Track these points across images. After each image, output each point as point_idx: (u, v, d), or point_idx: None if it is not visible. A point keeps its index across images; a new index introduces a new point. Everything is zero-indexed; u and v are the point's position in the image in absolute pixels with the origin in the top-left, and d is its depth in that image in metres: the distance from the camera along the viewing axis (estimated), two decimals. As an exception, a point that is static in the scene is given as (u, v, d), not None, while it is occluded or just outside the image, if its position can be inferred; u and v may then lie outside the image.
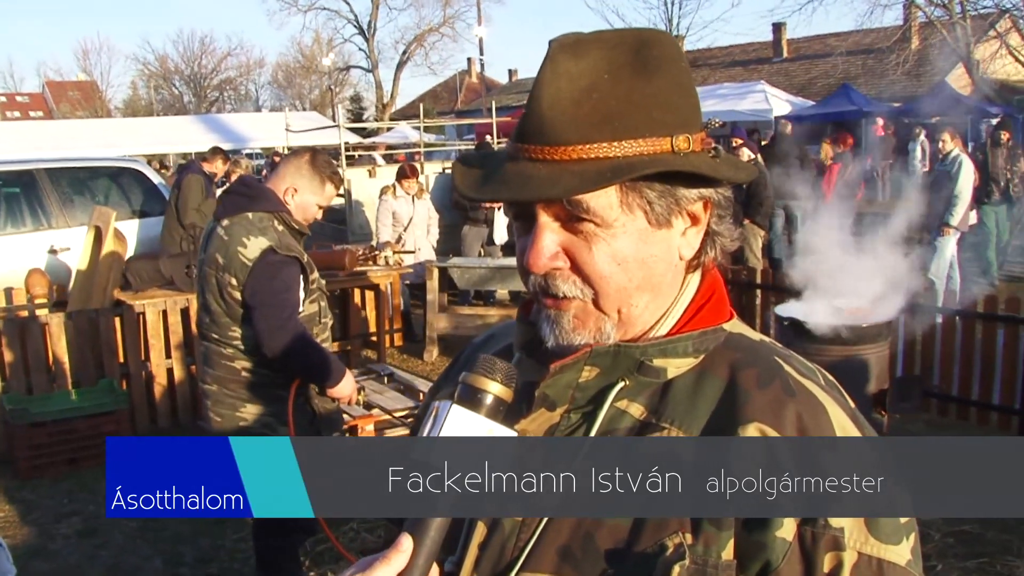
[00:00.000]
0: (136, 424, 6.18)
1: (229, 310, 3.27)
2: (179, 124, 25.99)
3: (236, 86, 59.21)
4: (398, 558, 0.89)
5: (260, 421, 3.35)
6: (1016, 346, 5.57)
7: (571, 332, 0.97)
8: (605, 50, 0.93)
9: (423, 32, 46.11)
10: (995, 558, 4.08)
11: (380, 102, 45.12)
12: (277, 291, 3.22)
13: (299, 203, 3.35)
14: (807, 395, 0.96)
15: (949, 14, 20.52)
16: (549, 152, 0.91)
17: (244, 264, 3.19)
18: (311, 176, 3.36)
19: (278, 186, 3.34)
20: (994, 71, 22.64)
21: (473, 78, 48.68)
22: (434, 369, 7.88)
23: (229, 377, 3.36)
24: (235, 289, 3.22)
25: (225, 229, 3.24)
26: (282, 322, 3.21)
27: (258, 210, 3.26)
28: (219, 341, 3.35)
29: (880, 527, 0.91)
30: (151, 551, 4.51)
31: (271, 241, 3.21)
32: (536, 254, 0.94)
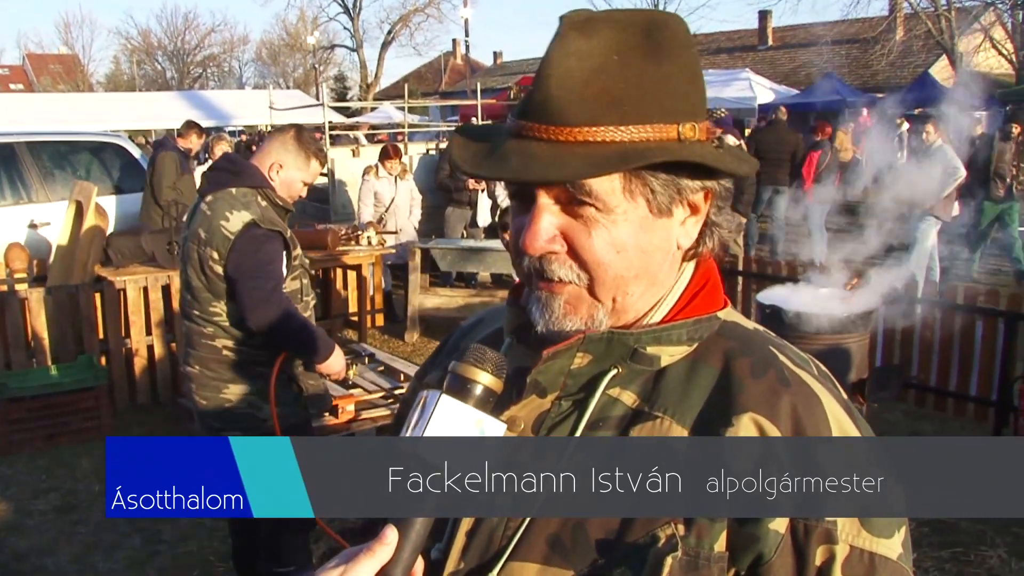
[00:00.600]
0: (115, 401, 6.15)
1: (210, 285, 3.21)
2: (162, 100, 25.72)
3: (220, 63, 58.68)
4: (383, 550, 0.87)
5: (244, 400, 3.29)
6: (994, 338, 5.62)
7: (562, 317, 0.96)
8: (616, 30, 0.90)
9: (408, 12, 45.90)
10: (969, 548, 4.14)
11: (364, 82, 44.90)
12: (261, 263, 3.18)
13: (284, 179, 3.32)
14: (801, 385, 0.95)
15: (934, 5, 20.59)
16: (555, 132, 0.88)
17: (226, 237, 3.14)
18: (296, 152, 3.32)
19: (263, 162, 3.30)
20: (977, 64, 22.77)
21: (458, 59, 48.48)
22: (415, 350, 7.88)
23: (211, 357, 3.29)
24: (216, 263, 3.17)
25: (208, 205, 3.20)
26: (267, 294, 3.16)
27: (241, 185, 3.22)
28: (200, 319, 3.28)
29: (873, 521, 0.90)
30: (130, 528, 4.49)
31: (254, 215, 3.17)
32: (533, 235, 0.92)
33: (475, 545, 0.96)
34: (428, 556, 0.96)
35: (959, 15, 20.87)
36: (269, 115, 14.04)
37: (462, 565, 0.97)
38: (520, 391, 0.98)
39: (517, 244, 0.95)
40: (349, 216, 10.12)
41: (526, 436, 0.97)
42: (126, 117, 21.38)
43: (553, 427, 0.98)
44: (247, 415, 3.29)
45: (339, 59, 54.02)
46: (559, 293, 0.95)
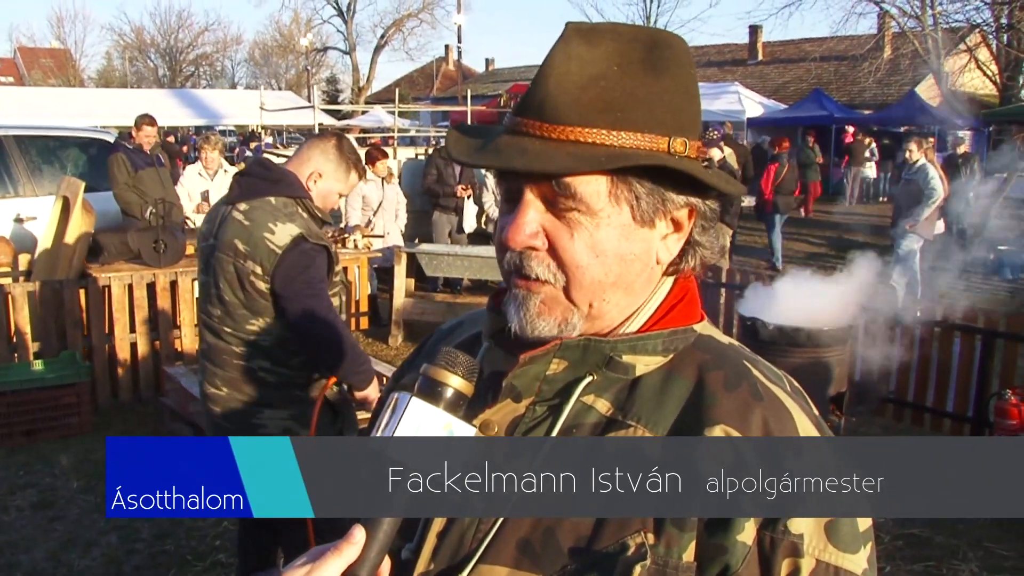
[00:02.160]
0: (97, 398, 6.13)
1: (250, 302, 2.94)
2: (153, 97, 25.60)
3: (212, 62, 58.58)
4: (349, 550, 0.87)
5: (280, 426, 3.01)
6: (971, 355, 5.69)
7: (536, 316, 0.96)
8: (619, 43, 0.92)
9: (402, 17, 45.87)
10: (942, 561, 4.19)
11: (356, 85, 44.83)
12: (312, 281, 2.93)
13: (321, 190, 3.08)
14: (774, 400, 0.96)
15: (921, 26, 20.75)
16: (547, 129, 0.90)
17: (272, 251, 2.88)
18: (337, 162, 3.08)
19: (301, 170, 3.05)
20: (962, 84, 22.97)
21: (450, 65, 48.49)
22: (398, 354, 7.89)
23: (244, 378, 3.01)
24: (259, 279, 2.90)
25: (245, 214, 2.95)
26: (324, 312, 2.92)
27: (280, 195, 2.98)
28: (233, 337, 3.00)
29: (839, 535, 0.91)
30: (107, 525, 4.48)
31: (301, 228, 2.93)
32: (516, 229, 0.93)
33: (446, 546, 0.97)
34: (398, 556, 0.97)
35: (945, 35, 21.06)
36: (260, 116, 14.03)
37: (432, 566, 0.97)
38: (495, 395, 0.99)
39: (500, 239, 0.97)
40: (336, 219, 10.13)
41: (499, 438, 0.97)
42: (117, 113, 21.24)
43: (527, 432, 0.98)
44: None
45: (331, 62, 54.11)
46: (536, 292, 0.96)
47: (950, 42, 21.38)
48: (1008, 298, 10.44)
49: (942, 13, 20.09)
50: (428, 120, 28.32)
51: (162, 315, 6.39)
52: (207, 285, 3.07)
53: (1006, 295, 10.69)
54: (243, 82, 56.89)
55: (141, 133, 7.93)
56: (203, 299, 3.11)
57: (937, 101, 22.93)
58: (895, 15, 21.80)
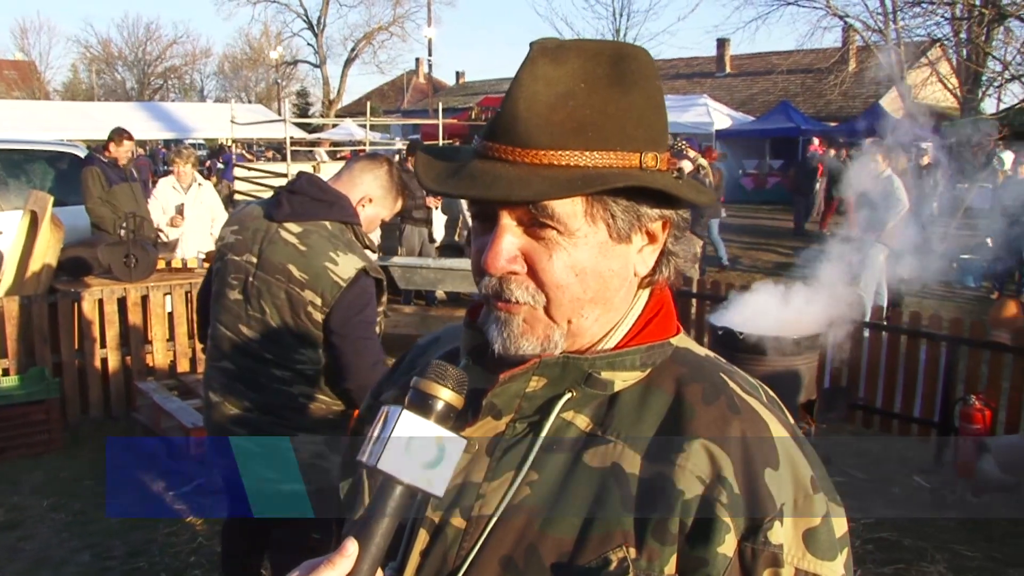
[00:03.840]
0: (67, 415, 6.07)
1: (302, 331, 2.78)
2: (122, 110, 25.40)
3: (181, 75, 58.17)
4: (343, 562, 0.87)
5: (311, 451, 2.86)
6: (937, 361, 5.80)
7: (519, 336, 0.96)
8: (584, 59, 0.92)
9: (373, 30, 45.90)
10: (911, 564, 4.26)
11: (326, 98, 44.75)
12: (369, 322, 2.80)
13: (369, 215, 2.94)
14: (751, 412, 0.97)
15: (884, 39, 21.12)
16: (520, 154, 0.90)
17: (335, 283, 2.72)
18: (388, 189, 2.96)
19: (352, 193, 2.90)
20: (924, 97, 23.39)
21: (420, 78, 48.57)
22: (373, 368, 7.87)
23: (283, 403, 2.85)
24: (317, 310, 2.74)
25: (299, 237, 2.78)
26: (377, 359, 2.78)
27: (336, 219, 2.83)
28: (275, 363, 2.83)
29: (817, 543, 0.93)
30: (79, 544, 4.43)
31: (364, 262, 2.77)
32: (495, 255, 0.93)
33: (429, 565, 0.97)
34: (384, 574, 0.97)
35: (908, 49, 21.44)
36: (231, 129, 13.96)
37: None
38: (475, 412, 0.98)
39: (478, 263, 0.97)
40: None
41: (480, 456, 0.98)
42: (84, 127, 21.08)
43: (507, 449, 0.99)
44: (313, 466, 2.85)
45: (302, 75, 53.99)
46: (516, 313, 0.96)
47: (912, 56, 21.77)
48: (971, 305, 10.63)
49: (904, 28, 20.45)
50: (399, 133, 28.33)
51: (133, 330, 6.34)
52: (242, 303, 2.86)
53: (968, 303, 10.89)
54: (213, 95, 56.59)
55: (120, 148, 7.87)
56: (231, 316, 2.88)
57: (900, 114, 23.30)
58: (859, 29, 22.14)
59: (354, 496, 1.10)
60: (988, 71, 19.84)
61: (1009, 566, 4.31)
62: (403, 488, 0.89)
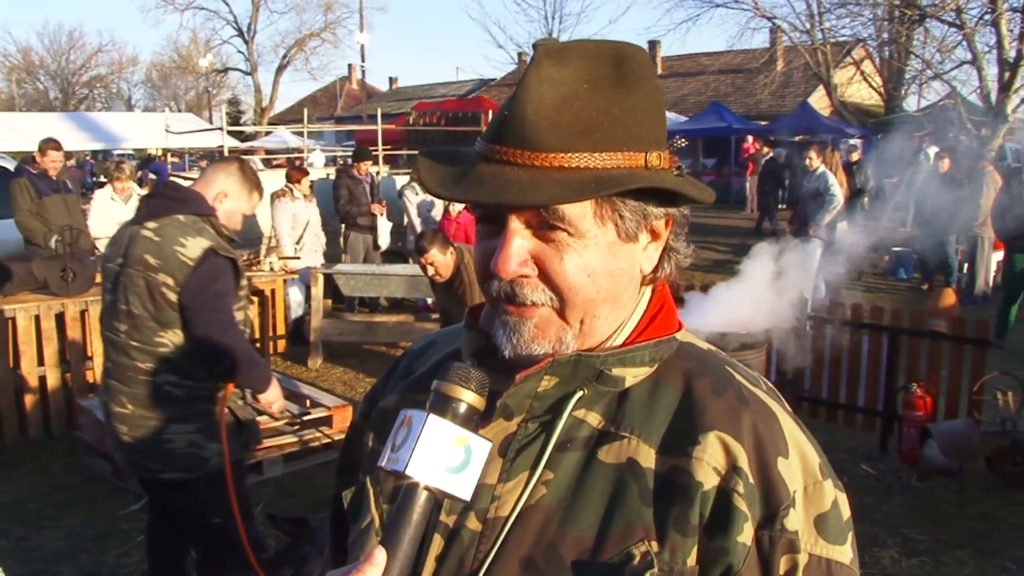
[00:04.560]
0: (4, 435, 5.87)
1: (159, 313, 3.07)
2: (46, 121, 24.63)
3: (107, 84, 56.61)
4: (372, 571, 0.85)
5: (186, 440, 3.14)
6: (879, 352, 5.96)
7: (530, 341, 0.96)
8: (586, 60, 0.93)
9: (304, 36, 45.35)
10: (864, 549, 4.36)
11: (259, 106, 44.06)
12: (219, 294, 3.10)
13: (227, 209, 3.25)
14: (759, 404, 0.99)
15: (811, 40, 21.63)
16: (530, 157, 0.90)
17: (184, 263, 3.03)
18: (241, 183, 3.27)
19: (207, 191, 3.22)
20: (850, 95, 24.02)
21: (354, 84, 48.24)
22: (318, 375, 7.80)
23: (151, 394, 3.12)
24: (170, 290, 3.04)
25: (154, 231, 3.08)
26: (225, 326, 3.09)
27: (188, 213, 3.13)
28: (140, 352, 3.11)
29: (828, 528, 0.95)
30: (24, 572, 4.28)
31: (211, 241, 3.09)
32: (506, 259, 0.93)
33: (445, 569, 0.96)
34: None
35: (834, 49, 21.98)
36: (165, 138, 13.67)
37: None
38: (487, 414, 0.96)
39: (487, 267, 0.96)
40: (250, 242, 9.96)
41: (493, 458, 0.97)
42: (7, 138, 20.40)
43: (520, 449, 0.98)
44: (190, 455, 3.14)
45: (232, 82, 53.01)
46: (529, 317, 0.96)
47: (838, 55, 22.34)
48: (903, 296, 10.95)
49: (830, 28, 20.97)
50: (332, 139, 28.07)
51: (72, 346, 6.16)
52: (113, 303, 3.15)
53: (901, 293, 11.21)
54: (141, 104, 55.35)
55: (46, 158, 7.64)
56: (108, 316, 3.19)
57: (828, 111, 23.91)
58: (786, 30, 22.63)
59: (359, 505, 1.07)
60: (911, 69, 20.44)
61: (955, 547, 4.45)
62: (428, 494, 0.88)
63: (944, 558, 4.35)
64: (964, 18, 15.13)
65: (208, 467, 3.17)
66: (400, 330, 8.57)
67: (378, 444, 1.09)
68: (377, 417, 1.14)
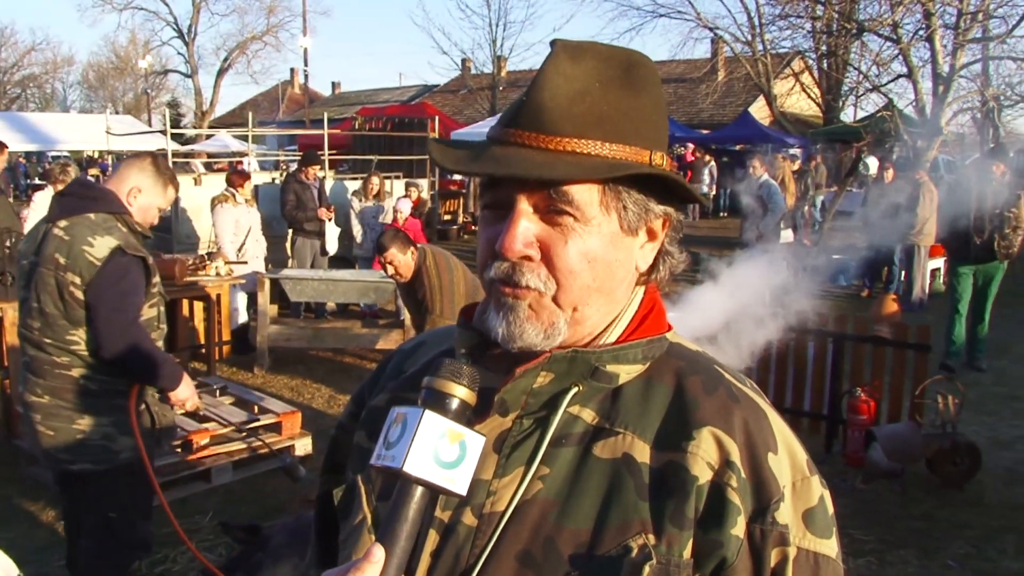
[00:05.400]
0: (-62, 444, 5.67)
1: (69, 312, 3.14)
2: (-24, 121, 23.89)
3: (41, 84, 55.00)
4: (371, 569, 0.86)
5: (98, 432, 3.23)
6: (824, 357, 6.08)
7: (524, 322, 0.98)
8: (598, 60, 0.97)
9: (246, 40, 44.81)
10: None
11: (199, 109, 43.36)
12: (125, 293, 3.15)
13: (141, 205, 3.29)
14: (749, 401, 1.02)
15: (752, 51, 22.04)
16: (545, 140, 0.94)
17: (91, 263, 3.09)
18: (155, 178, 3.32)
19: (120, 188, 3.27)
20: (790, 106, 24.53)
21: (296, 89, 47.72)
22: (265, 382, 7.69)
23: (65, 387, 3.20)
24: (78, 289, 3.11)
25: (64, 230, 3.13)
26: (125, 326, 3.14)
27: (100, 211, 3.18)
28: (54, 347, 3.18)
29: (815, 523, 0.98)
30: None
31: (119, 240, 3.13)
32: (512, 238, 0.95)
33: (441, 565, 0.96)
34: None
35: (774, 60, 22.42)
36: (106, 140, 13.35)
37: None
38: (482, 410, 0.97)
39: (490, 251, 0.98)
40: (193, 246, 9.81)
41: (488, 453, 0.97)
42: (-65, 140, 19.71)
43: (516, 445, 0.99)
44: (100, 447, 3.23)
45: (172, 85, 52.09)
46: (523, 298, 0.98)
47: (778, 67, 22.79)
48: (844, 303, 11.19)
49: (771, 40, 21.40)
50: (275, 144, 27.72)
51: (12, 351, 5.97)
52: (28, 300, 3.21)
53: (841, 300, 11.46)
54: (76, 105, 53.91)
55: None
56: (24, 313, 3.26)
57: (768, 121, 24.38)
58: (728, 41, 23.03)
59: (350, 503, 1.07)
60: (849, 81, 20.96)
61: (899, 547, 4.57)
62: (424, 490, 0.88)
63: (889, 557, 4.46)
64: (900, 33, 15.58)
65: (117, 461, 3.25)
66: (347, 336, 8.48)
67: (369, 443, 1.08)
68: (368, 416, 1.14)
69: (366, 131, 18.67)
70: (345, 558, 1.02)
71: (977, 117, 17.75)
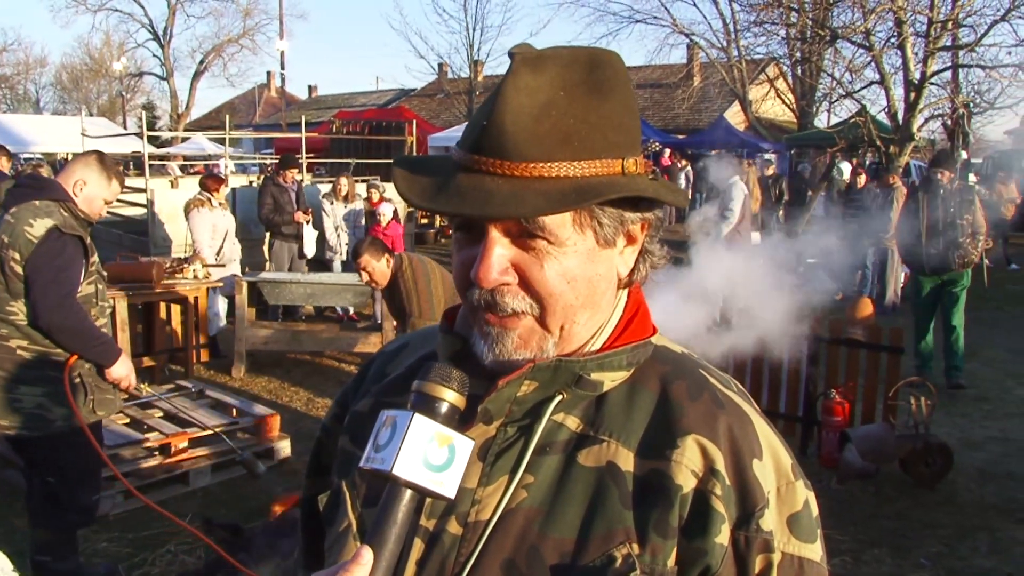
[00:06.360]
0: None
1: (9, 285, 3.45)
2: (-53, 122, 23.58)
3: (12, 85, 54.25)
4: (359, 571, 0.85)
5: (34, 402, 3.49)
6: (799, 359, 6.14)
7: (513, 352, 0.97)
8: (560, 66, 0.93)
9: (222, 42, 44.35)
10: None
11: (175, 112, 42.91)
12: (60, 268, 3.44)
13: (87, 196, 3.61)
14: (734, 407, 1.01)
15: (727, 56, 22.20)
16: (510, 167, 0.90)
17: (29, 241, 3.40)
18: (99, 172, 3.64)
19: (67, 180, 3.59)
20: (765, 111, 24.73)
21: (272, 92, 47.48)
22: (243, 384, 7.66)
23: (2, 357, 3.47)
24: (17, 264, 3.42)
25: (12, 215, 3.46)
26: (60, 299, 3.42)
27: (44, 198, 3.50)
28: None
29: (800, 528, 0.98)
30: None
31: (56, 221, 3.45)
32: (487, 268, 0.93)
33: (426, 574, 0.96)
34: None
35: (749, 66, 22.60)
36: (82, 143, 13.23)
37: None
38: (467, 418, 0.96)
39: (467, 276, 0.96)
40: (169, 249, 9.77)
41: (472, 462, 0.96)
42: None
43: (500, 453, 0.99)
44: (36, 416, 3.50)
45: (148, 87, 51.59)
46: (512, 328, 0.97)
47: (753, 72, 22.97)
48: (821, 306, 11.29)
49: (746, 46, 21.57)
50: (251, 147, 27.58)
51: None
52: None
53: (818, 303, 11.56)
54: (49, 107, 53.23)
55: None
56: None
57: (744, 126, 24.58)
58: (704, 46, 23.18)
59: (335, 509, 1.07)
60: (823, 87, 21.17)
61: (874, 546, 4.63)
62: (412, 493, 0.89)
63: (864, 556, 4.52)
64: (872, 40, 15.75)
65: (51, 428, 3.51)
66: (325, 339, 8.48)
67: (354, 447, 1.09)
68: (352, 421, 1.13)
69: (343, 134, 18.64)
70: (332, 563, 1.01)
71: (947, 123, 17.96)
